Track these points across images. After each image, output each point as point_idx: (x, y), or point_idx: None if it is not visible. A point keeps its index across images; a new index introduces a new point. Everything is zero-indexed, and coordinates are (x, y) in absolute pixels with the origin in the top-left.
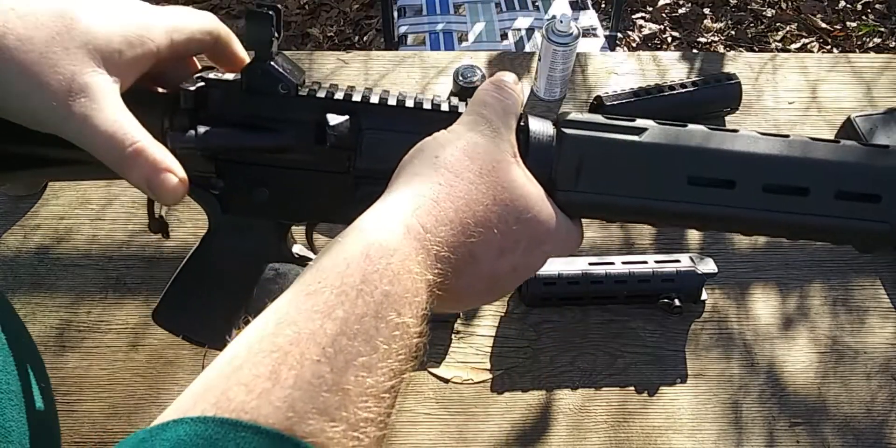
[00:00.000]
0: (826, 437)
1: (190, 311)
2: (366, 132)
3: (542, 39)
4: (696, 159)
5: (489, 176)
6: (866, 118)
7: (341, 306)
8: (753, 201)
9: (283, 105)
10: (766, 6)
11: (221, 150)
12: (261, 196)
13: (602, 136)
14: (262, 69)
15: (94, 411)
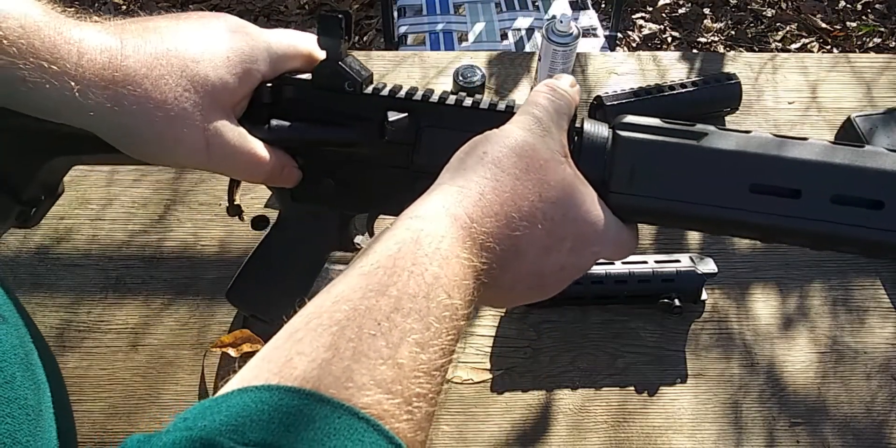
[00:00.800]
0: (826, 437)
1: (259, 292)
2: (425, 129)
3: (542, 39)
4: (760, 166)
5: (536, 173)
6: (866, 118)
7: (394, 285)
8: (821, 212)
9: (349, 101)
10: (766, 6)
11: (291, 141)
12: (326, 187)
13: (658, 139)
14: (330, 68)
15: (94, 411)
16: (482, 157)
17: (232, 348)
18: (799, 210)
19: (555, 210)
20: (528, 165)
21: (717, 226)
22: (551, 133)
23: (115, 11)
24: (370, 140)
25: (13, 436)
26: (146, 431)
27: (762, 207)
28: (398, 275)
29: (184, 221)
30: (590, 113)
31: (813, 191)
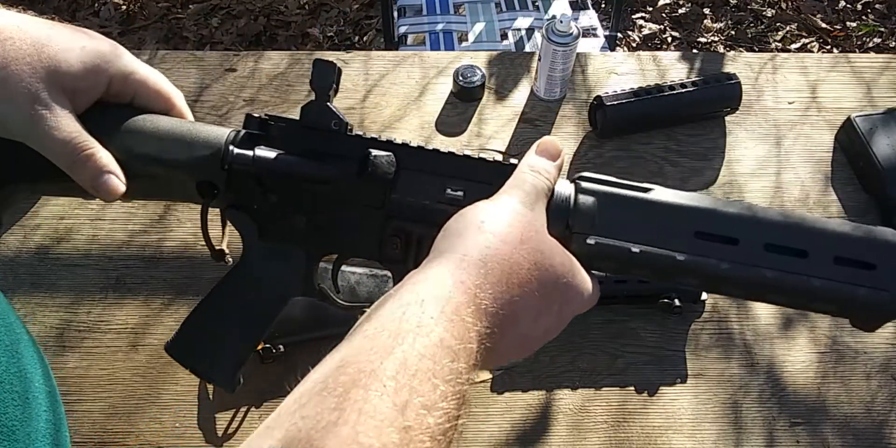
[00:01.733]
0: (826, 437)
1: (204, 344)
2: (403, 171)
3: (542, 39)
4: (702, 216)
5: (530, 242)
6: (866, 118)
7: (399, 347)
8: (755, 258)
9: (333, 140)
10: (766, 6)
11: (272, 172)
12: (298, 223)
13: (614, 190)
14: (319, 107)
15: (94, 411)
16: (480, 226)
17: None
18: (737, 255)
19: (547, 277)
20: (522, 235)
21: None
22: (538, 207)
23: (114, 11)
24: (348, 178)
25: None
26: (146, 431)
27: (705, 251)
28: (403, 337)
29: (184, 221)
30: (590, 113)
31: (748, 239)
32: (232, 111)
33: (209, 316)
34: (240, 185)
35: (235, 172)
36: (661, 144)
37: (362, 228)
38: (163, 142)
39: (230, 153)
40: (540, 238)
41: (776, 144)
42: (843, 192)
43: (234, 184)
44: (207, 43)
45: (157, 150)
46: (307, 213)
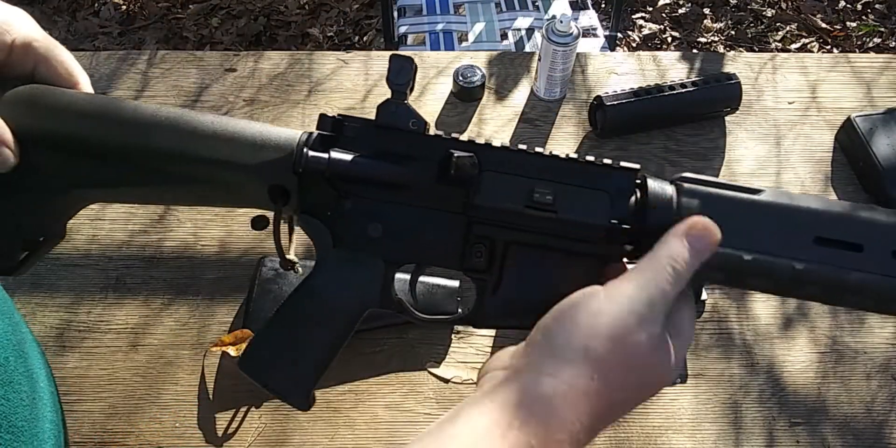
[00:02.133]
0: (826, 437)
1: (278, 359)
2: (486, 173)
3: (542, 39)
4: (822, 220)
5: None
6: (866, 118)
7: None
8: (883, 266)
9: (411, 141)
10: (766, 6)
11: (347, 176)
12: (374, 231)
13: (720, 192)
14: (396, 106)
15: (94, 411)
16: (587, 353)
17: (232, 348)
18: (863, 264)
19: (648, 392)
20: (631, 365)
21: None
22: (660, 318)
23: (114, 11)
24: (428, 181)
25: (9, 418)
26: (146, 431)
27: (828, 259)
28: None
29: (184, 221)
30: (590, 113)
31: (874, 245)
32: (232, 111)
33: (283, 329)
34: (313, 190)
35: (308, 176)
36: (661, 144)
37: (443, 235)
38: (231, 144)
39: (304, 156)
40: (650, 362)
41: (776, 144)
42: (843, 192)
43: (306, 188)
44: (207, 43)
45: (228, 153)
46: (384, 220)
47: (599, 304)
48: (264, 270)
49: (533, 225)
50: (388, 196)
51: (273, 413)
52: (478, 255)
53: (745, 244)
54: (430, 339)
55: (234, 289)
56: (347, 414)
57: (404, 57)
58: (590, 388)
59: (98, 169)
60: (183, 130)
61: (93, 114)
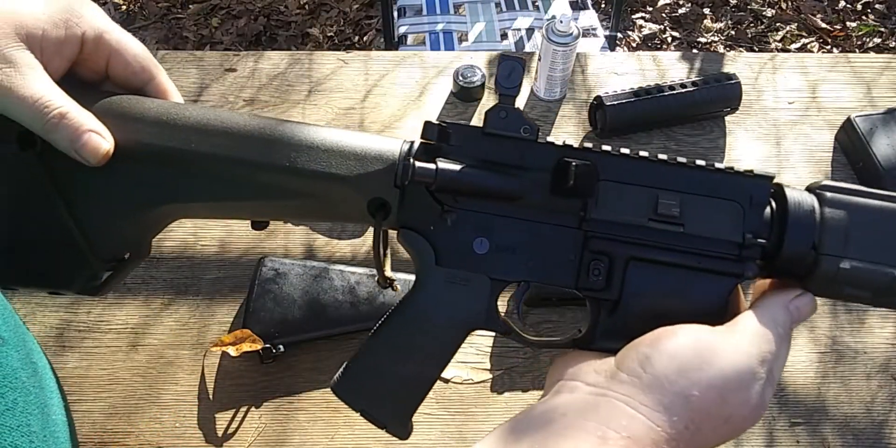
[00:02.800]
0: (826, 437)
1: (376, 383)
2: (603, 182)
3: (542, 39)
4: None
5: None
6: (866, 118)
7: None
8: None
9: (523, 149)
10: (766, 6)
11: (456, 188)
12: (481, 247)
13: (868, 201)
14: (507, 111)
15: (94, 411)
16: (689, 399)
17: (232, 348)
18: None
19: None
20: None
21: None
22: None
23: (114, 11)
24: (541, 193)
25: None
26: (146, 431)
27: None
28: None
29: (184, 221)
30: (590, 113)
31: None
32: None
33: (382, 351)
34: (414, 204)
35: (412, 189)
36: (661, 144)
37: (557, 252)
38: (329, 155)
39: (411, 167)
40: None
41: (776, 144)
42: None
43: (408, 202)
44: (207, 43)
45: (325, 164)
46: (491, 235)
47: (713, 350)
48: (264, 270)
49: (657, 239)
50: (496, 209)
51: (273, 413)
52: (595, 274)
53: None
54: None
55: (234, 289)
56: (347, 414)
57: (514, 58)
58: (681, 435)
59: (189, 181)
60: (277, 140)
61: (183, 125)
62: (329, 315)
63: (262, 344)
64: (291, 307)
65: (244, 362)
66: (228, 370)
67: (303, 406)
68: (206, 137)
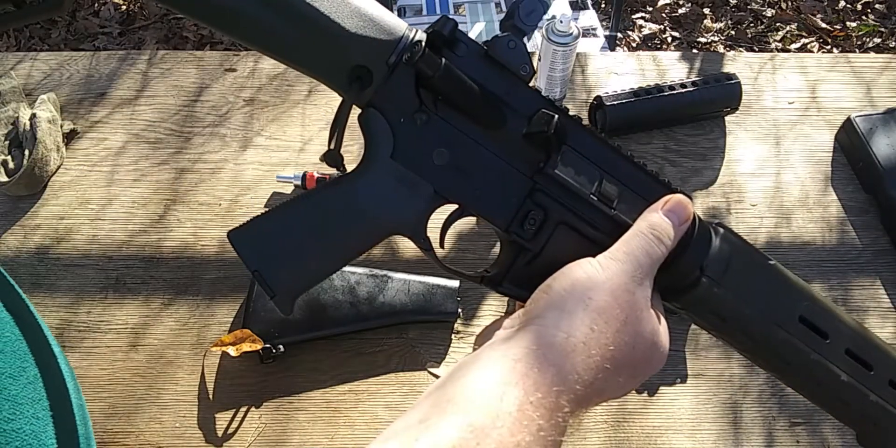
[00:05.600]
0: (826, 437)
1: (276, 247)
2: (567, 148)
3: (542, 39)
4: (808, 303)
5: (633, 325)
6: (866, 118)
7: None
8: (837, 358)
9: (513, 86)
10: (766, 6)
11: (450, 90)
12: (440, 158)
13: (747, 246)
14: (516, 43)
15: (94, 411)
16: (587, 303)
17: (232, 348)
18: (825, 350)
19: (642, 359)
20: (627, 317)
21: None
22: (647, 282)
23: (114, 11)
24: (513, 133)
25: (38, 437)
26: (146, 431)
27: (802, 337)
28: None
29: (184, 221)
30: (590, 113)
31: (836, 339)
32: (232, 111)
33: (295, 219)
34: (395, 90)
35: (399, 74)
36: (661, 144)
37: (504, 190)
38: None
39: (421, 50)
40: (644, 317)
41: (776, 144)
42: (843, 192)
43: (390, 85)
44: (207, 43)
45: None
46: (453, 150)
47: (595, 266)
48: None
49: (590, 215)
50: (468, 130)
51: (273, 413)
52: (531, 223)
53: (748, 300)
54: (430, 338)
55: (234, 289)
56: (347, 414)
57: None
58: (588, 339)
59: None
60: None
61: None
62: (329, 315)
63: (262, 344)
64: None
65: (244, 362)
66: (228, 370)
67: (303, 406)
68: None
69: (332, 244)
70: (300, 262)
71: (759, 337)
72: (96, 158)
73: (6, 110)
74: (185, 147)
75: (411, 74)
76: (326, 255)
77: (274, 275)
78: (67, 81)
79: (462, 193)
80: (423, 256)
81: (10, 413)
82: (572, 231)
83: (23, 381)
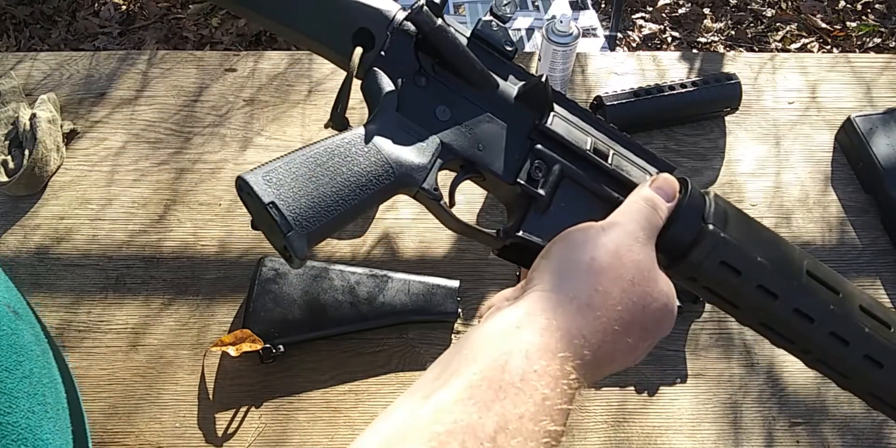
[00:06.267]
0: (826, 437)
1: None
2: (554, 114)
3: (542, 39)
4: (810, 259)
5: (641, 285)
6: (866, 118)
7: (500, 402)
8: (855, 314)
9: (499, 63)
10: (766, 6)
11: (448, 48)
12: (442, 114)
13: (737, 212)
14: (498, 25)
15: (94, 411)
16: (590, 264)
17: (232, 348)
18: (839, 303)
19: (652, 320)
20: (633, 277)
21: (781, 307)
22: (651, 244)
23: (114, 11)
24: (507, 95)
25: (34, 431)
26: (146, 431)
27: (815, 291)
28: (505, 390)
29: (184, 221)
30: None
31: (848, 295)
32: (232, 111)
33: (308, 160)
34: (396, 54)
35: (397, 40)
36: (661, 144)
37: (507, 146)
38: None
39: (419, 8)
40: (653, 277)
41: (776, 144)
42: (843, 192)
43: (391, 49)
44: (207, 43)
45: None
46: (454, 108)
47: (595, 228)
48: (264, 270)
49: (586, 167)
50: (465, 92)
51: (273, 413)
52: (537, 173)
53: (755, 247)
54: (430, 338)
55: (234, 289)
56: (347, 414)
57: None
58: (593, 300)
59: None
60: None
61: None
62: (329, 315)
63: (262, 344)
64: (291, 307)
65: (244, 362)
66: (228, 370)
67: (303, 406)
68: None
69: (346, 184)
70: (315, 198)
71: (778, 289)
72: (96, 158)
73: (6, 110)
74: (185, 147)
75: (410, 40)
76: (340, 196)
77: (289, 207)
78: (67, 81)
79: (466, 146)
80: (422, 256)
81: (6, 407)
82: (576, 184)
83: (18, 375)
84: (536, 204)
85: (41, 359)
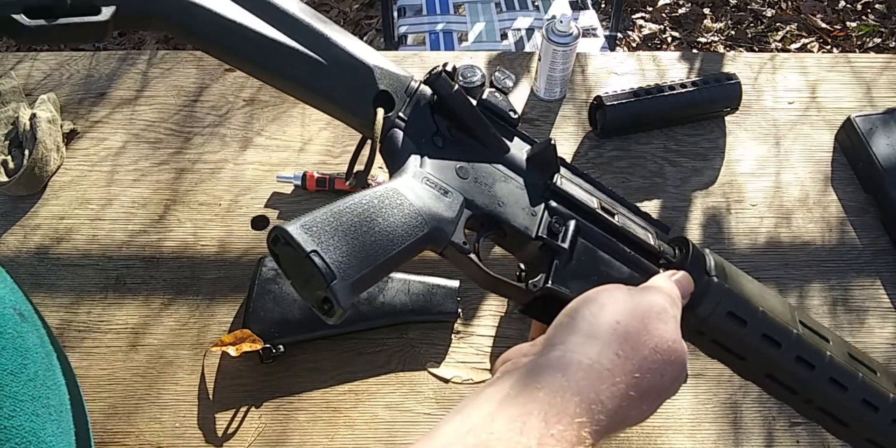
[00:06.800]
0: (826, 437)
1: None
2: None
3: (542, 39)
4: (801, 312)
5: (662, 353)
6: (866, 118)
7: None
8: (845, 361)
9: (504, 129)
10: (766, 6)
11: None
12: (463, 173)
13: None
14: (501, 96)
15: (94, 411)
16: (615, 327)
17: (232, 348)
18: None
19: (669, 385)
20: (656, 344)
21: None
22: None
23: None
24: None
25: (38, 434)
26: (146, 431)
27: (813, 340)
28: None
29: (184, 221)
30: (590, 113)
31: (836, 344)
32: (232, 111)
33: (342, 210)
34: (414, 117)
35: (415, 104)
36: (661, 144)
37: (524, 201)
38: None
39: (438, 74)
40: (673, 347)
41: (776, 144)
42: (843, 192)
43: (409, 112)
44: None
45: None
46: (474, 166)
47: (622, 291)
48: (264, 270)
49: (601, 225)
50: (480, 151)
51: (273, 413)
52: (556, 225)
53: (756, 299)
54: (431, 339)
55: (234, 289)
56: (347, 414)
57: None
58: (614, 366)
59: None
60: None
61: None
62: None
63: (262, 344)
64: (291, 307)
65: (244, 362)
66: (228, 370)
67: (303, 406)
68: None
69: (383, 235)
70: (355, 248)
71: (781, 338)
72: (96, 158)
73: (6, 110)
74: (185, 147)
75: (427, 104)
76: (379, 246)
77: (331, 256)
78: (67, 81)
79: (488, 202)
80: (422, 256)
81: (11, 410)
82: (591, 240)
83: (23, 378)
84: (560, 258)
85: (45, 361)
